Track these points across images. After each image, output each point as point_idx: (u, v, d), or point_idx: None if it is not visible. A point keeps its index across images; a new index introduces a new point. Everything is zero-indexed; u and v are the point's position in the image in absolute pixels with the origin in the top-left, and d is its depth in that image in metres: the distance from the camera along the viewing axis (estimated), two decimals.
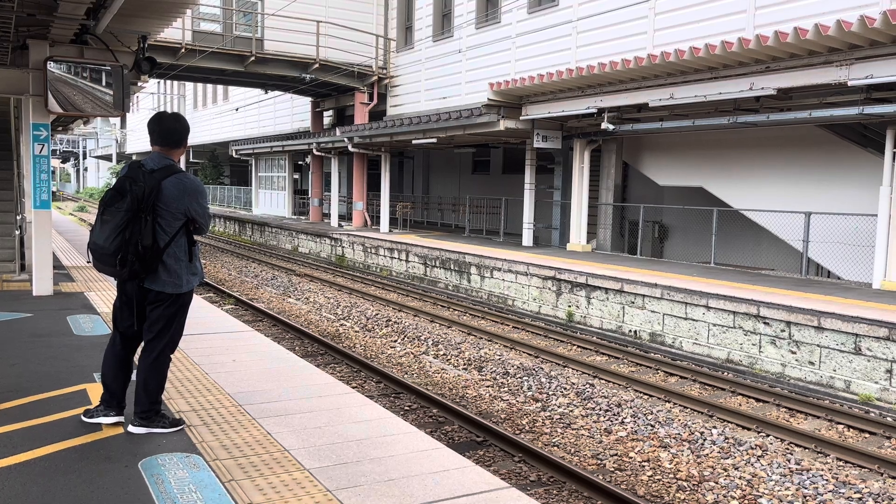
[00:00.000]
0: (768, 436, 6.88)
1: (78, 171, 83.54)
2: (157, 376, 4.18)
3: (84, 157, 74.51)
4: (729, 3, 12.59)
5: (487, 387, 8.41)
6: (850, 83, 9.87)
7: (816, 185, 12.44)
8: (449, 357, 9.76)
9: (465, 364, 9.40)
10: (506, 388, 8.33)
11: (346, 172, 26.36)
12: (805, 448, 6.58)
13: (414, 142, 18.96)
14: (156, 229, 4.00)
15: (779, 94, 10.96)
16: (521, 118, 15.63)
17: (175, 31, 19.08)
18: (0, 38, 9.36)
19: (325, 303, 13.78)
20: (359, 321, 12.10)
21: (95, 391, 4.97)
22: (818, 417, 7.46)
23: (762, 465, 6.15)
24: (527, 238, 17.39)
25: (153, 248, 3.98)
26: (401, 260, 17.62)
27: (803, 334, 8.74)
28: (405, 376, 8.69)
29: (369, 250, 19.16)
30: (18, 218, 11.00)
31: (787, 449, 6.55)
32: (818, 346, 8.59)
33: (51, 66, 8.60)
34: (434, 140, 18.18)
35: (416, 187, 27.92)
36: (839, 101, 10.78)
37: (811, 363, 8.67)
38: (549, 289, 12.77)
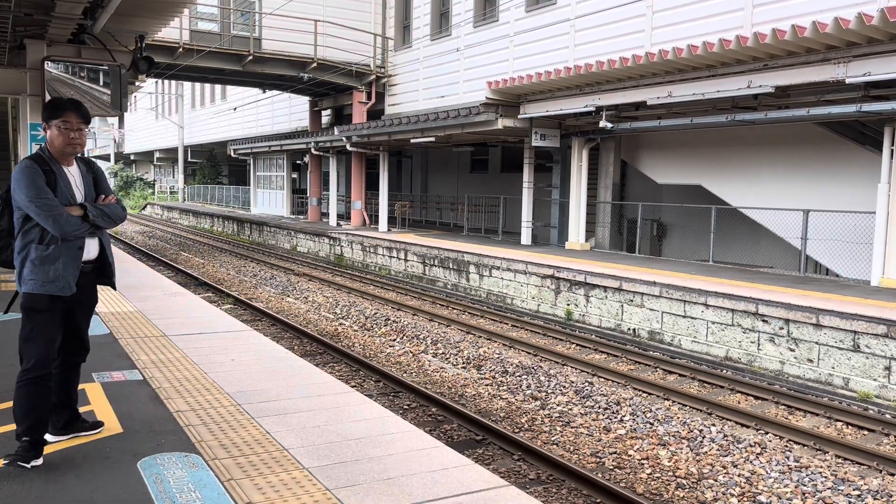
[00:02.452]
0: (767, 433, 6.88)
1: None
2: (18, 401, 3.65)
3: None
4: (727, 1, 12.59)
5: (486, 385, 8.41)
6: (848, 81, 9.87)
7: (815, 183, 12.45)
8: (448, 356, 9.76)
9: (463, 363, 9.40)
10: (505, 387, 8.33)
11: (344, 172, 26.35)
12: (804, 445, 6.59)
13: (412, 141, 18.95)
14: (13, 218, 3.76)
15: (777, 92, 10.96)
16: (519, 117, 15.63)
17: (173, 31, 19.07)
18: None
19: (324, 302, 13.78)
20: (357, 320, 12.10)
21: (93, 392, 4.97)
22: (817, 415, 7.46)
23: (761, 463, 6.16)
24: (525, 237, 17.38)
25: (7, 236, 3.80)
26: (399, 259, 17.61)
27: (802, 332, 8.75)
28: (404, 375, 8.69)
29: (368, 249, 19.15)
30: None
31: (786, 446, 6.56)
32: (817, 343, 8.60)
33: (48, 65, 8.60)
34: (432, 139, 18.17)
35: (414, 186, 27.91)
36: (837, 98, 10.79)
37: (810, 361, 8.68)
38: (548, 287, 12.77)
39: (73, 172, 3.84)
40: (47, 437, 3.93)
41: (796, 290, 10.13)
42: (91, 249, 3.87)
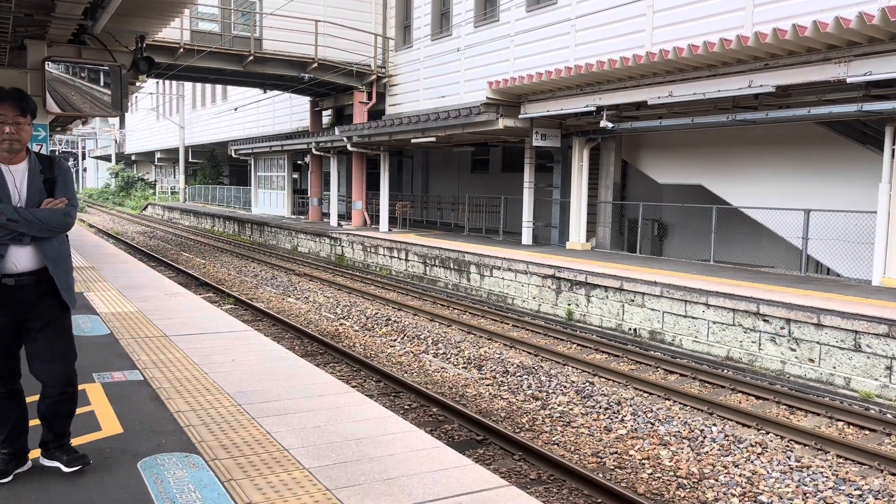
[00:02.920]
0: (768, 433, 6.87)
1: (77, 171, 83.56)
2: None
3: (83, 158, 74.54)
4: (727, 1, 12.57)
5: (487, 385, 8.40)
6: (848, 80, 9.86)
7: (816, 183, 12.44)
8: (448, 356, 9.75)
9: (464, 363, 9.40)
10: (505, 387, 8.33)
11: (345, 172, 26.35)
12: (805, 445, 6.58)
13: (413, 141, 18.95)
14: None
15: (778, 91, 10.95)
16: (519, 117, 15.62)
17: (173, 31, 19.07)
18: None
19: (325, 302, 13.78)
20: (358, 320, 12.10)
21: (94, 392, 4.97)
22: (818, 415, 7.46)
23: (762, 463, 6.15)
24: (526, 237, 17.38)
25: None
26: (400, 259, 17.61)
27: (803, 331, 8.74)
28: (405, 375, 8.69)
29: (369, 249, 19.15)
30: None
31: (787, 446, 6.55)
32: (818, 343, 8.59)
33: (49, 66, 8.61)
34: (433, 139, 18.17)
35: (415, 186, 27.91)
36: (838, 98, 10.78)
37: (811, 360, 8.67)
38: (549, 287, 12.76)
39: (15, 171, 3.44)
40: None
41: (797, 289, 10.12)
42: (22, 258, 3.42)
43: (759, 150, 13.34)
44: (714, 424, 7.07)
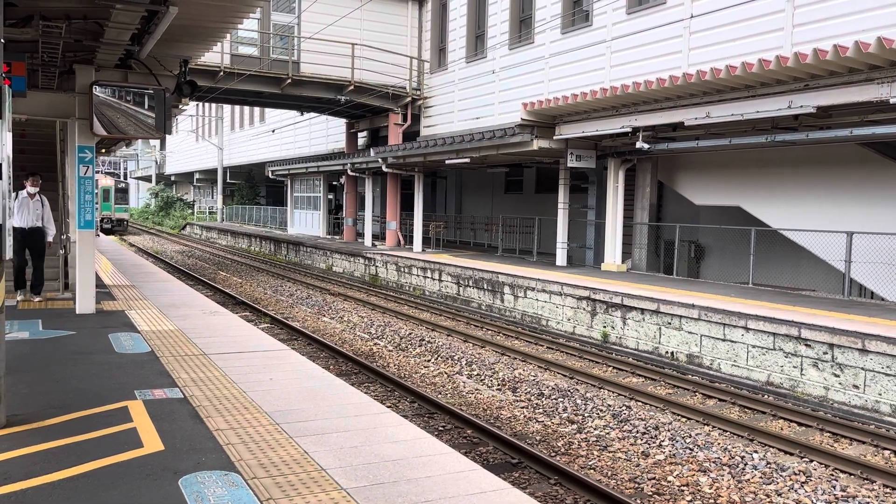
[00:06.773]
0: (812, 461, 6.70)
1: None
2: None
3: (125, 178, 76.31)
4: (766, 22, 12.47)
5: (522, 408, 8.34)
6: (892, 101, 9.68)
7: (858, 204, 12.19)
8: (483, 377, 9.71)
9: (499, 384, 9.35)
10: (541, 410, 8.26)
11: (379, 192, 26.57)
12: (850, 474, 6.40)
13: (447, 162, 19.05)
14: None
15: (818, 112, 10.78)
16: (554, 138, 15.62)
17: (214, 55, 19.53)
18: (48, 64, 9.68)
19: (359, 322, 13.84)
20: (392, 340, 12.12)
21: (135, 409, 5.05)
22: (863, 443, 7.25)
23: (806, 492, 5.99)
24: (560, 258, 17.29)
25: None
26: (434, 279, 17.64)
27: (847, 357, 8.52)
28: (439, 396, 8.66)
29: (402, 270, 19.23)
30: (63, 238, 11.27)
31: (832, 475, 6.38)
32: (862, 369, 8.37)
33: (96, 90, 8.86)
34: (467, 160, 18.24)
35: (448, 207, 28.00)
36: (881, 118, 10.59)
37: (855, 386, 8.45)
38: (584, 309, 12.66)
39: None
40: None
41: (840, 313, 9.89)
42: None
43: (799, 172, 13.13)
44: (755, 451, 6.91)
